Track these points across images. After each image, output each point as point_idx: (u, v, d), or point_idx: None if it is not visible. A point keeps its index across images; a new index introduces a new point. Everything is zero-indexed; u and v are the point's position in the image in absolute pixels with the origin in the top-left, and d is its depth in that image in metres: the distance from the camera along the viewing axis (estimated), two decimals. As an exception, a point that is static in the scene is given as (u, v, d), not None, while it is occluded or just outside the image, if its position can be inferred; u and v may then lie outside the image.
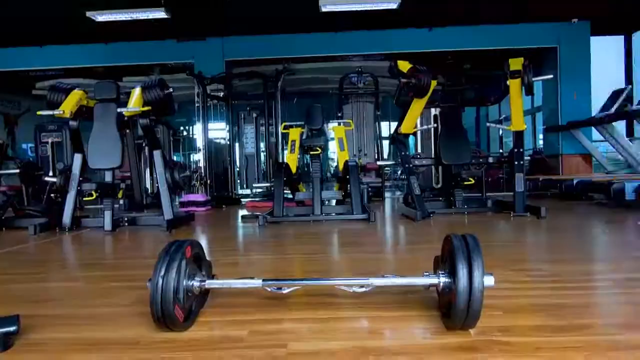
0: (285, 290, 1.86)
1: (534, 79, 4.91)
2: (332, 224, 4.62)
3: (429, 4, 7.45)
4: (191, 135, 13.54)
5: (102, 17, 7.19)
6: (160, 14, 7.04)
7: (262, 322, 1.72)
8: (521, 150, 4.91)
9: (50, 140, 7.84)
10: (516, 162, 4.86)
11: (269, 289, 1.89)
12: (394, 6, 6.99)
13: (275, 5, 7.24)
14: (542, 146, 9.88)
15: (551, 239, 3.72)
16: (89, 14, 7.05)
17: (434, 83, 4.92)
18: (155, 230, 4.56)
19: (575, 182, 6.57)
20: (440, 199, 5.97)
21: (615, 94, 7.34)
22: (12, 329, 1.45)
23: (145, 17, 7.18)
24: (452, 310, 1.50)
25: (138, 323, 1.71)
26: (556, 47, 8.48)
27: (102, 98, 4.83)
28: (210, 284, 1.73)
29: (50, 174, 6.71)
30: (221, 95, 8.35)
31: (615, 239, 3.66)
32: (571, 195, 6.45)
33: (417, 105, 5.10)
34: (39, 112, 4.78)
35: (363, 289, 1.78)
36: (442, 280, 1.61)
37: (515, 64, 4.90)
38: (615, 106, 7.09)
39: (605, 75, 9.80)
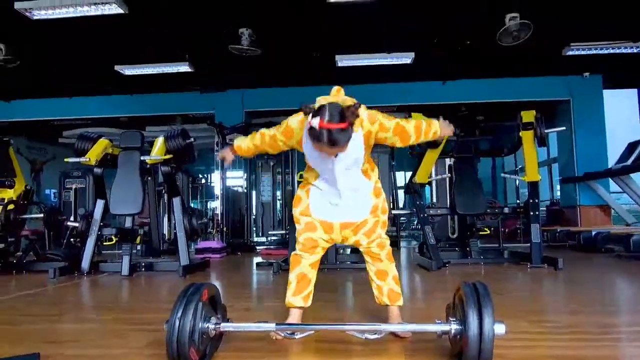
0: (298, 336, 1.88)
1: (546, 131, 4.98)
2: (347, 273, 4.61)
3: (441, 60, 7.69)
4: (209, 183, 13.78)
5: (129, 71, 7.58)
6: (184, 67, 7.40)
7: (275, 367, 1.73)
8: (536, 200, 4.91)
9: (74, 186, 8.07)
10: (532, 213, 4.85)
11: (281, 334, 1.92)
12: (407, 61, 7.24)
13: (293, 60, 7.56)
14: (559, 197, 9.80)
15: (568, 290, 3.66)
16: (117, 68, 7.44)
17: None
18: (171, 276, 4.60)
19: (593, 233, 6.48)
20: (456, 249, 5.93)
21: (632, 146, 7.35)
22: (33, 366, 1.50)
23: (171, 71, 7.54)
24: (464, 357, 1.50)
25: (153, 365, 1.74)
26: (569, 99, 8.59)
27: (127, 146, 5.02)
28: (225, 327, 1.76)
29: (72, 219, 6.88)
30: (240, 145, 8.57)
31: (635, 292, 3.58)
32: (589, 247, 6.34)
33: (431, 156, 5.18)
34: (66, 159, 4.98)
35: (375, 336, 1.80)
36: (453, 327, 1.62)
37: (528, 116, 4.99)
38: (632, 158, 7.08)
39: (624, 124, 9.83)
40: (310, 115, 1.74)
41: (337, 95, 1.96)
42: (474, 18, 6.10)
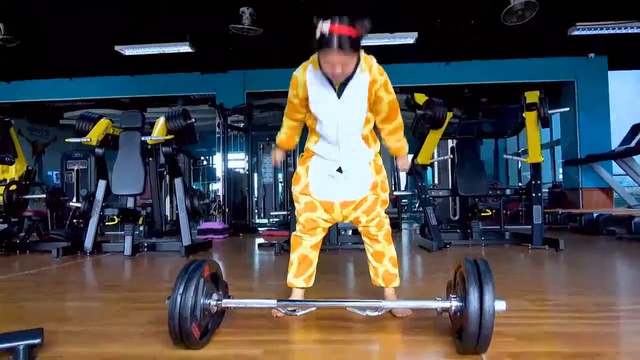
0: (299, 313, 1.89)
1: (550, 111, 4.94)
2: (348, 253, 4.63)
3: (445, 40, 7.60)
4: (211, 165, 13.78)
5: (129, 51, 7.51)
6: (185, 48, 7.33)
7: (276, 343, 1.75)
8: (539, 182, 4.89)
9: (75, 168, 8.09)
10: (534, 194, 4.84)
11: (283, 311, 1.93)
12: (410, 41, 7.16)
13: (294, 40, 7.47)
14: (561, 179, 9.78)
15: (569, 271, 3.67)
16: (117, 48, 7.38)
17: (449, 115, 4.99)
18: (173, 256, 4.63)
19: (595, 215, 6.47)
20: (457, 230, 5.95)
21: (636, 128, 7.29)
22: (36, 341, 1.51)
23: (171, 51, 7.47)
24: (464, 333, 1.51)
25: (154, 341, 1.76)
26: (573, 81, 8.51)
27: (128, 127, 5.00)
28: (226, 303, 1.77)
29: (75, 199, 6.90)
30: (241, 126, 8.55)
31: (636, 273, 3.59)
32: (591, 230, 6.34)
33: (433, 137, 5.16)
34: (67, 140, 4.97)
35: (376, 313, 1.81)
36: (454, 303, 1.63)
37: (532, 96, 4.94)
38: (636, 140, 7.03)
39: (628, 106, 9.76)
40: (321, 21, 1.73)
41: None
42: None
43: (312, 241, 2.12)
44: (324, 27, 1.71)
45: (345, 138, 2.01)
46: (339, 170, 2.04)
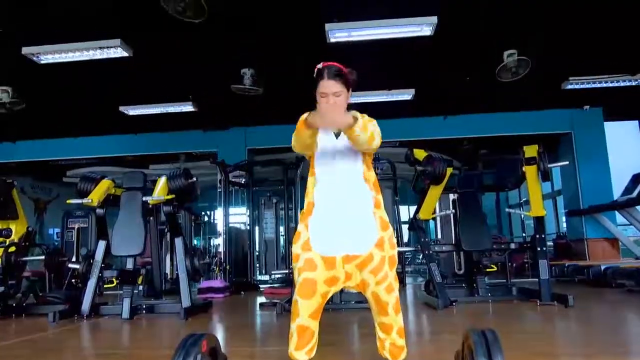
0: (302, 388, 1.81)
1: (549, 165, 4.96)
2: (352, 313, 4.51)
3: (442, 95, 7.78)
4: (212, 220, 13.74)
5: (133, 111, 7.68)
6: (188, 107, 7.50)
7: (277, 422, 1.65)
8: (543, 236, 4.84)
9: (76, 226, 8.05)
10: (539, 249, 4.77)
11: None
12: (408, 97, 7.33)
13: (295, 98, 7.65)
14: (565, 229, 9.69)
15: (581, 329, 3.55)
16: (121, 108, 7.55)
17: (449, 170, 5.01)
18: (172, 318, 4.51)
19: (603, 268, 6.35)
20: (463, 285, 5.82)
21: (637, 178, 7.31)
22: None
23: (174, 111, 7.64)
24: (475, 412, 1.43)
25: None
26: (571, 132, 8.62)
27: (130, 187, 5.03)
28: (225, 380, 1.70)
29: (74, 259, 6.82)
30: (242, 182, 8.59)
31: (650, 330, 3.48)
32: (599, 282, 6.21)
33: (434, 192, 5.16)
34: (68, 201, 4.98)
35: (382, 387, 1.72)
36: (463, 378, 1.56)
37: (530, 151, 4.97)
38: (638, 190, 7.03)
39: (628, 155, 9.79)
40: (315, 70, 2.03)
41: None
42: (471, 55, 6.20)
43: (311, 308, 1.98)
44: (317, 67, 2.02)
45: (345, 174, 2.03)
46: (341, 205, 2.01)
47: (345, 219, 1.97)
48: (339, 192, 2.00)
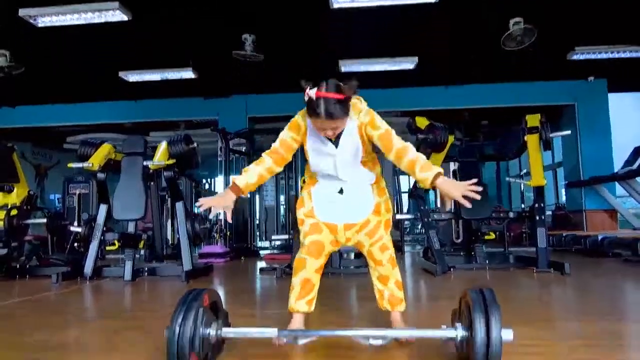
0: (301, 342, 1.85)
1: (551, 135, 4.94)
2: (351, 277, 4.58)
3: (444, 64, 7.68)
4: (213, 188, 13.77)
5: (133, 77, 7.60)
6: (188, 74, 7.41)
7: (277, 374, 1.70)
8: (542, 205, 4.86)
9: (77, 192, 8.08)
10: (537, 217, 4.79)
11: (284, 340, 1.88)
12: (410, 66, 7.23)
13: (296, 66, 7.56)
14: (564, 201, 9.74)
15: (577, 296, 3.61)
16: (121, 74, 7.46)
17: (451, 139, 4.99)
18: (174, 281, 4.58)
19: (600, 238, 6.40)
20: (461, 253, 5.88)
21: (638, 150, 7.29)
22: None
23: (174, 77, 7.55)
24: (470, 364, 1.47)
25: (154, 372, 1.72)
26: (574, 104, 8.55)
27: (130, 152, 5.02)
28: (226, 332, 1.74)
29: (76, 223, 6.88)
30: (243, 150, 8.57)
31: (644, 297, 3.53)
32: (596, 252, 6.27)
33: (435, 160, 5.14)
34: (69, 165, 4.98)
35: (380, 342, 1.76)
36: (460, 333, 1.59)
37: (533, 120, 4.95)
38: (638, 162, 7.02)
39: (631, 127, 9.75)
40: (308, 87, 1.79)
41: None
42: (477, 23, 6.09)
43: (316, 264, 2.10)
44: (310, 92, 1.78)
45: (346, 176, 2.06)
46: (340, 191, 2.08)
47: (345, 196, 2.08)
48: (340, 179, 2.07)
